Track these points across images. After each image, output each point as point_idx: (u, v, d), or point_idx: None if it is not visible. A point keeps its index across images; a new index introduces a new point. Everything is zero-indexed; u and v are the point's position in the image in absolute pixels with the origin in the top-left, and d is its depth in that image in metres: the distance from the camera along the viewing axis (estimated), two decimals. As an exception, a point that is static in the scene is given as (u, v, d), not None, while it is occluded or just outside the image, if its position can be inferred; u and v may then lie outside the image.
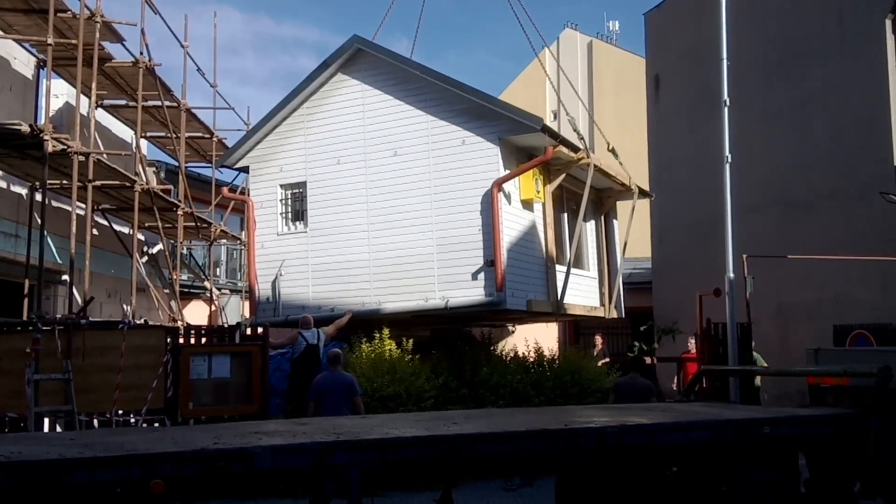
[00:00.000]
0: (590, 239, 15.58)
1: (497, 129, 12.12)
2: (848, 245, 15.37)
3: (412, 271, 12.41)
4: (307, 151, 13.57)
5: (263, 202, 13.91)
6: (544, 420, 6.95)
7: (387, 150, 12.82)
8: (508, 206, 12.22)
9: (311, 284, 13.29)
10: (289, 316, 13.20)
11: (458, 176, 12.28)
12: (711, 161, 14.20)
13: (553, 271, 13.23)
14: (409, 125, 12.72)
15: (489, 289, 11.86)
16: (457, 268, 12.14)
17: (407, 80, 12.80)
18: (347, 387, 9.75)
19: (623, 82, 29.74)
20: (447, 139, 12.43)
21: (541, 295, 12.91)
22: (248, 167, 14.21)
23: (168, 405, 10.59)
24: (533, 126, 11.87)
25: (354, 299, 12.77)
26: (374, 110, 13.06)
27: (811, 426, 7.20)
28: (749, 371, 12.50)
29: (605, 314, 15.55)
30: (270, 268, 13.64)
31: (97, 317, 14.23)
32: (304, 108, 13.65)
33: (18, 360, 9.83)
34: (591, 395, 12.36)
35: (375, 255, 12.75)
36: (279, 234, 13.70)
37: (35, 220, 13.29)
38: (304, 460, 5.08)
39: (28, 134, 11.68)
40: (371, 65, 13.16)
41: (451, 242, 12.24)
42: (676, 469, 7.03)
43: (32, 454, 4.71)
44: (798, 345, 13.41)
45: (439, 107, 12.55)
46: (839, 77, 16.77)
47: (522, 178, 12.47)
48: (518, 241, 12.43)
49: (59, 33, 13.18)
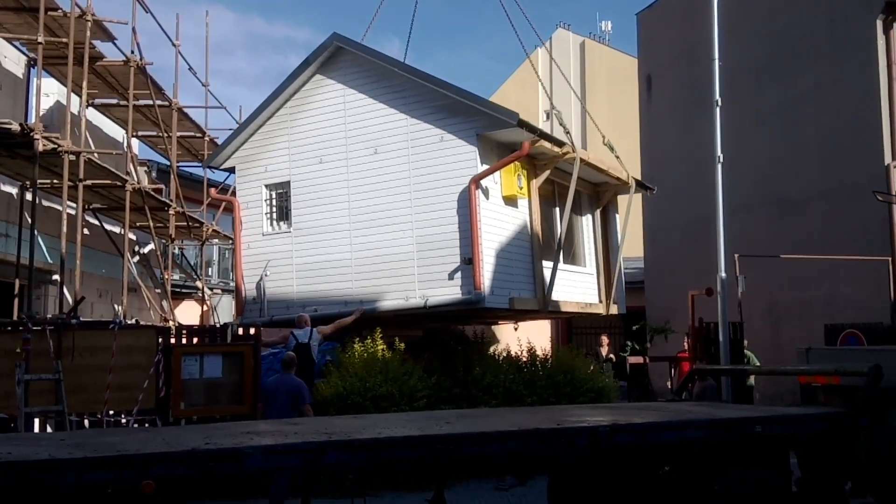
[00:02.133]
0: (586, 234, 15.37)
1: (474, 125, 11.99)
2: (839, 245, 15.43)
3: (393, 270, 12.31)
4: (291, 151, 13.49)
5: (249, 202, 13.82)
6: (536, 420, 6.94)
7: (367, 149, 12.73)
8: (487, 202, 12.04)
9: (296, 284, 13.20)
10: (274, 316, 13.11)
11: (436, 173, 12.15)
12: (703, 161, 14.25)
13: (541, 268, 13.10)
14: (389, 123, 12.61)
15: (467, 287, 11.73)
16: (436, 266, 12.01)
17: (386, 78, 12.70)
18: (294, 392, 9.58)
19: (616, 82, 29.79)
20: (426, 136, 12.31)
21: (527, 292, 12.79)
22: (234, 168, 14.12)
23: (159, 405, 10.55)
24: (509, 121, 11.70)
25: (337, 299, 12.67)
26: (354, 108, 12.96)
27: (802, 425, 7.22)
28: (740, 370, 12.54)
29: (605, 311, 15.38)
30: (256, 268, 13.57)
31: (88, 317, 14.17)
32: (287, 108, 13.57)
33: (9, 360, 9.75)
34: (584, 395, 12.35)
35: (357, 255, 12.67)
36: (264, 235, 13.63)
37: (25, 220, 13.22)
38: (296, 460, 5.07)
39: (18, 133, 11.62)
40: (351, 63, 13.07)
41: (430, 241, 12.12)
42: (668, 468, 7.04)
43: (22, 455, 4.68)
44: (789, 344, 13.45)
45: (418, 104, 12.43)
46: (830, 77, 16.83)
47: (504, 175, 12.33)
48: (500, 238, 12.27)
49: (50, 32, 13.13)
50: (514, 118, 11.67)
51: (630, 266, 23.09)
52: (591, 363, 13.94)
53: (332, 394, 10.86)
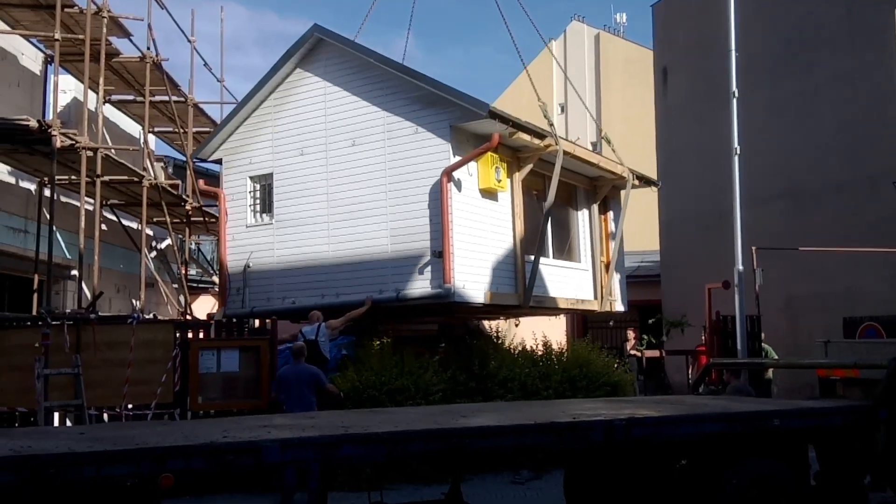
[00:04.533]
0: (582, 229, 14.97)
1: (448, 116, 11.83)
2: (857, 237, 15.30)
3: (367, 262, 12.22)
4: (274, 143, 13.41)
5: (234, 194, 13.75)
6: (552, 413, 6.93)
7: (346, 141, 12.66)
8: (460, 195, 11.81)
9: (276, 276, 13.14)
10: (254, 308, 13.05)
11: (410, 165, 12.02)
12: (720, 153, 14.16)
13: (524, 262, 12.77)
14: (367, 115, 12.51)
15: (437, 281, 11.57)
16: (408, 259, 11.89)
17: (365, 69, 12.59)
18: (310, 377, 9.92)
19: (631, 74, 29.61)
20: (401, 128, 12.19)
21: (507, 287, 12.52)
22: (221, 159, 14.05)
23: (177, 399, 10.62)
24: (479, 112, 11.48)
25: (315, 291, 12.61)
26: (335, 100, 12.88)
27: (821, 419, 7.16)
28: (758, 363, 12.47)
29: (599, 307, 14.96)
30: (240, 260, 13.52)
31: (106, 312, 14.27)
32: (271, 100, 13.51)
33: (28, 355, 9.88)
34: (600, 389, 12.32)
35: (334, 247, 12.60)
36: (248, 227, 13.57)
37: (44, 216, 13.32)
38: (313, 454, 5.09)
39: (36, 129, 11.69)
40: (332, 55, 12.99)
41: (403, 233, 11.98)
42: (685, 462, 7.01)
43: (42, 448, 4.73)
44: (807, 338, 13.38)
45: (394, 95, 12.31)
46: (847, 68, 16.67)
47: (480, 167, 12.12)
48: (475, 232, 12.03)
49: (67, 29, 13.20)
50: (485, 109, 11.42)
51: (646, 259, 23.04)
52: (613, 359, 13.76)
53: (349, 388, 10.89)
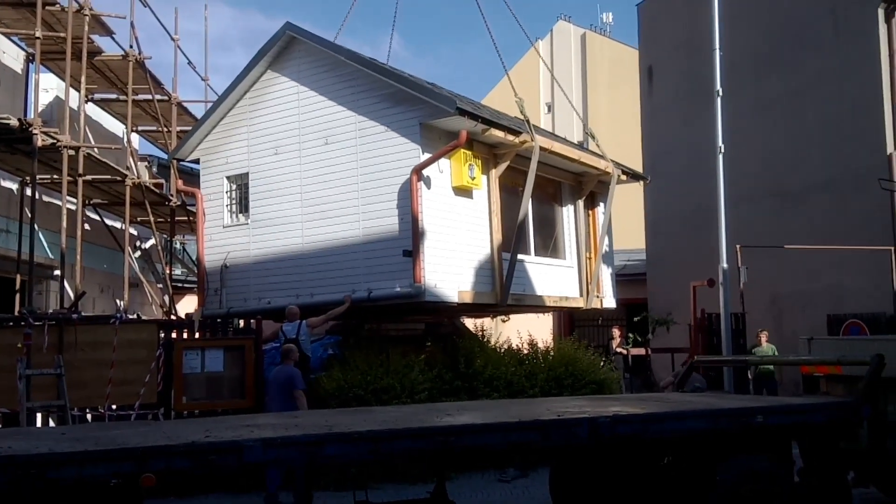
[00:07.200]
0: (567, 226, 14.78)
1: (418, 114, 11.72)
2: (841, 235, 15.39)
3: (340, 262, 12.14)
4: (249, 142, 13.32)
5: (211, 194, 13.66)
6: (537, 411, 6.93)
7: (319, 140, 12.58)
8: (430, 192, 11.70)
9: (252, 276, 13.08)
10: (231, 308, 13.00)
11: (381, 163, 11.93)
12: (705, 152, 14.22)
13: (501, 260, 12.63)
14: (339, 113, 12.43)
15: (407, 280, 11.45)
16: (379, 258, 11.80)
17: (337, 67, 12.50)
18: (287, 380, 9.71)
19: (617, 74, 29.72)
20: (372, 126, 12.10)
21: (484, 286, 12.42)
22: (199, 159, 13.95)
23: (161, 400, 10.55)
24: (447, 109, 11.34)
25: (289, 291, 12.53)
26: (307, 98, 12.79)
27: (804, 415, 7.20)
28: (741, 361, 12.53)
29: (585, 305, 14.79)
30: (217, 260, 13.45)
31: (90, 312, 14.16)
32: (246, 98, 13.40)
33: (10, 355, 9.77)
34: (586, 387, 12.34)
35: (308, 246, 12.53)
36: (224, 227, 13.48)
37: (26, 215, 13.20)
38: (296, 453, 5.06)
39: (17, 128, 11.60)
40: (305, 53, 12.90)
41: (374, 232, 11.91)
42: (670, 459, 7.03)
43: (23, 449, 4.68)
44: (792, 334, 13.44)
45: (365, 93, 12.22)
46: (832, 67, 16.77)
47: (453, 165, 12.02)
48: (447, 230, 11.92)
49: (48, 27, 13.09)
50: (452, 105, 11.28)
51: (632, 258, 23.08)
52: (599, 357, 13.75)
53: (334, 387, 10.85)
